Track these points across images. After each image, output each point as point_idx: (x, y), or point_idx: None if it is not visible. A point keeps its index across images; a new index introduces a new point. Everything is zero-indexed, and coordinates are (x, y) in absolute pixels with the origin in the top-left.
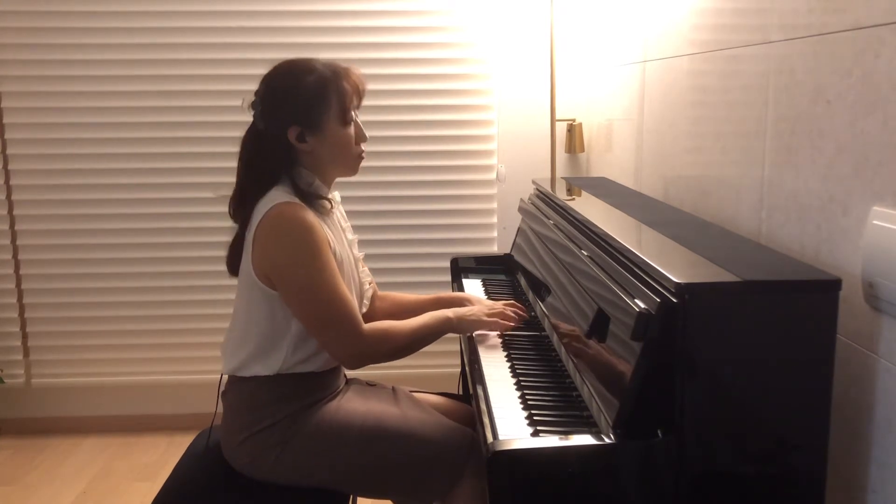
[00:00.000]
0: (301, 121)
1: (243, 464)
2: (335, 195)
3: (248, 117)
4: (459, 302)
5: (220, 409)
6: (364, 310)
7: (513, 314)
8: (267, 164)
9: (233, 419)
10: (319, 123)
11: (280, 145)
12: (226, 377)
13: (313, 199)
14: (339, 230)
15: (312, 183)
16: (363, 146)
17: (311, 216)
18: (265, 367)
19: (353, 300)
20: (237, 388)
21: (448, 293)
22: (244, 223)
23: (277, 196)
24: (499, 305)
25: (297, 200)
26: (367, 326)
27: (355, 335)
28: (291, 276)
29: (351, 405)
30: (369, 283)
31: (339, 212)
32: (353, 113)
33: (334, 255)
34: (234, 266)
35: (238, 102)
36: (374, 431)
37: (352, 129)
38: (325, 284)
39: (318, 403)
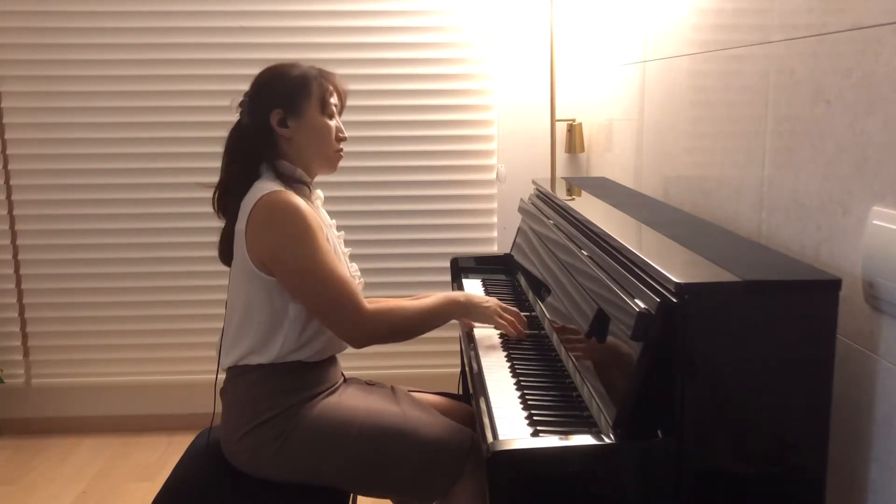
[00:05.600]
0: (283, 104)
1: (243, 460)
2: (319, 193)
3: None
4: None
5: (219, 409)
6: None
7: (522, 329)
8: (250, 154)
9: (233, 414)
10: (300, 108)
11: (262, 133)
12: (223, 376)
13: (296, 185)
14: (327, 225)
15: (294, 172)
16: (342, 146)
17: (301, 201)
18: (263, 356)
19: (352, 281)
20: (236, 383)
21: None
22: (232, 217)
23: (264, 186)
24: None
25: (283, 188)
26: (372, 306)
27: (358, 313)
28: (289, 259)
29: (352, 401)
30: (359, 279)
31: (323, 210)
32: (333, 109)
33: (328, 240)
34: (226, 256)
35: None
36: (375, 428)
37: (332, 122)
38: (323, 265)
39: (318, 397)
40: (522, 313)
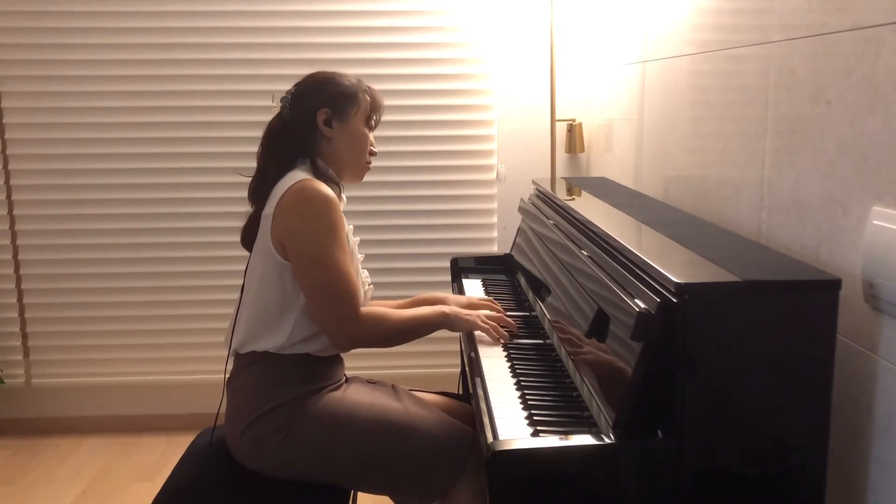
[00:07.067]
0: (332, 105)
1: (246, 452)
2: (342, 196)
3: (249, 117)
4: (440, 302)
5: (223, 408)
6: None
7: (505, 331)
8: (289, 146)
9: (238, 405)
10: (347, 114)
11: (305, 128)
12: (229, 370)
13: (329, 182)
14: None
15: (328, 170)
16: (371, 160)
17: (332, 193)
18: (271, 341)
19: (358, 283)
20: (242, 372)
21: (427, 294)
22: (262, 203)
23: (297, 175)
24: (486, 313)
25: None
26: (364, 310)
27: (352, 314)
28: (306, 245)
29: (355, 396)
30: (368, 285)
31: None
32: (373, 123)
33: (347, 241)
34: (248, 241)
35: (237, 102)
36: (378, 423)
37: (370, 136)
38: (335, 259)
39: (322, 391)
40: (522, 313)
